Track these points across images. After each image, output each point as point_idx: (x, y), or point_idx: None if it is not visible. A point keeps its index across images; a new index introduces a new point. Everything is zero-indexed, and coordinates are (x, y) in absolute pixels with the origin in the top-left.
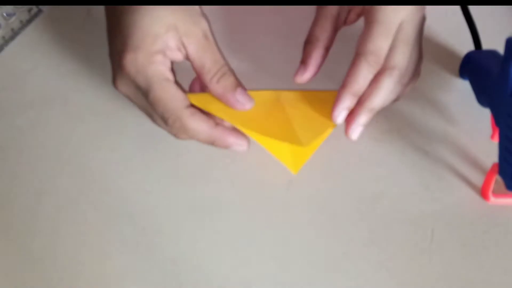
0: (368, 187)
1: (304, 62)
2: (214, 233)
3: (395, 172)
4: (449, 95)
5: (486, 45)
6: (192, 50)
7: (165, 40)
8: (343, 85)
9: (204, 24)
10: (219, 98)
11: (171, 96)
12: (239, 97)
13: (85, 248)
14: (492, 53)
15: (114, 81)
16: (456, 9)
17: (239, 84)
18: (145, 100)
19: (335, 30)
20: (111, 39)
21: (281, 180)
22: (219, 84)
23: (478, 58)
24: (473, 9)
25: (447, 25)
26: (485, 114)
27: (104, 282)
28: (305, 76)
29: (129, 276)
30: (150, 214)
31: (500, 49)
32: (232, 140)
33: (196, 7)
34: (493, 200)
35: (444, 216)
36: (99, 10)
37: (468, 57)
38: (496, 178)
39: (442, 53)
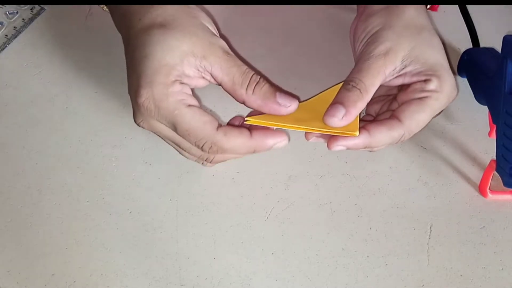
0: (367, 183)
1: (342, 103)
2: (215, 229)
3: (394, 169)
4: None
5: (483, 43)
6: (217, 70)
7: (180, 69)
8: (365, 128)
9: (221, 42)
10: (261, 109)
11: (200, 124)
12: (280, 100)
13: (86, 244)
14: (490, 51)
15: (134, 119)
16: (454, 7)
17: (276, 88)
18: (174, 132)
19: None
20: (128, 77)
21: (281, 176)
22: (256, 94)
23: (476, 56)
24: (471, 8)
25: (445, 23)
26: (483, 111)
27: (105, 278)
28: (345, 120)
29: (130, 272)
30: (151, 210)
31: (498, 47)
32: (271, 141)
33: (209, 29)
34: (491, 196)
35: (442, 212)
36: (101, 9)
37: (466, 54)
38: (494, 175)
39: None
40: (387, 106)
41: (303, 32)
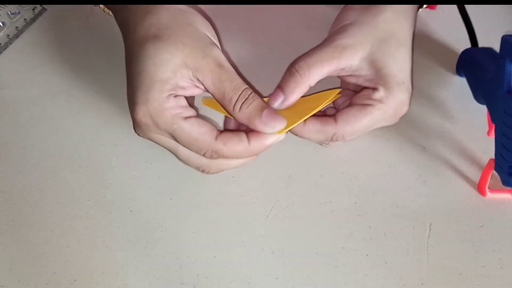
0: (366, 183)
1: (282, 89)
2: (215, 228)
3: (393, 168)
4: (446, 91)
5: (482, 42)
6: (208, 83)
7: (174, 82)
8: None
9: (215, 53)
10: (247, 125)
11: (199, 135)
12: (266, 119)
13: (87, 243)
14: (488, 51)
15: (134, 130)
16: (453, 7)
17: (264, 106)
18: (175, 141)
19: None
20: (127, 87)
21: (281, 175)
22: (242, 112)
23: (475, 56)
24: (470, 7)
25: (444, 22)
26: (482, 111)
27: (106, 276)
28: (284, 104)
29: (130, 271)
30: (151, 209)
31: (496, 46)
32: (269, 140)
33: (205, 36)
34: (490, 195)
35: (441, 211)
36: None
37: (465, 54)
38: (493, 173)
39: (439, 50)
40: (350, 100)
41: (303, 32)
